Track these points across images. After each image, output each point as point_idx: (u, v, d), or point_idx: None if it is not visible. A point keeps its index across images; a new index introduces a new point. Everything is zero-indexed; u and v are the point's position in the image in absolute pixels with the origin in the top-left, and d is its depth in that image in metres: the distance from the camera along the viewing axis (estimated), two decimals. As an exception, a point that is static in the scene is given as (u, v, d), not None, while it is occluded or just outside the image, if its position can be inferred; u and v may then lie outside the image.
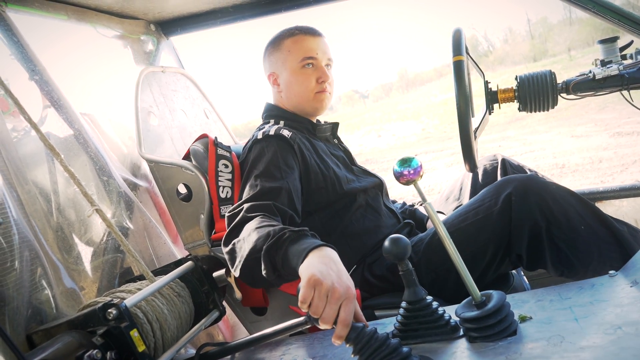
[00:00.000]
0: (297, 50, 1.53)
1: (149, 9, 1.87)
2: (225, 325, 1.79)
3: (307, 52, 1.53)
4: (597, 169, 5.53)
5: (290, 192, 1.33)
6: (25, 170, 1.24)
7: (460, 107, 1.22)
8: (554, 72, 1.37)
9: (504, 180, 1.28)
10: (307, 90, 1.54)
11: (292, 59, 1.53)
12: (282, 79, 1.57)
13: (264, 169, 1.36)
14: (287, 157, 1.40)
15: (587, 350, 0.77)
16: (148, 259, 1.52)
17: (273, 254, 1.05)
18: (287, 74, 1.55)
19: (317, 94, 1.55)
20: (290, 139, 1.43)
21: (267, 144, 1.43)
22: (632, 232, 1.23)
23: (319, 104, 1.56)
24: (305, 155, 1.44)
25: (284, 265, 1.04)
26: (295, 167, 1.41)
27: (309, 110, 1.58)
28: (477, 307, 0.91)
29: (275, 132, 1.45)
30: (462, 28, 1.32)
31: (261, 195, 1.29)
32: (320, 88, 1.54)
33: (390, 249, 0.93)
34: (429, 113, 17.19)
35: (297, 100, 1.57)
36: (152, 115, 1.72)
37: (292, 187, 1.34)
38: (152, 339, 1.03)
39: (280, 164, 1.37)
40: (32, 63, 1.39)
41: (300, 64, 1.53)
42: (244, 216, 1.23)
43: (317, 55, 1.53)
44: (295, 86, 1.55)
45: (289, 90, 1.57)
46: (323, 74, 1.54)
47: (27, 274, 1.04)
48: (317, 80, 1.54)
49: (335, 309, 0.86)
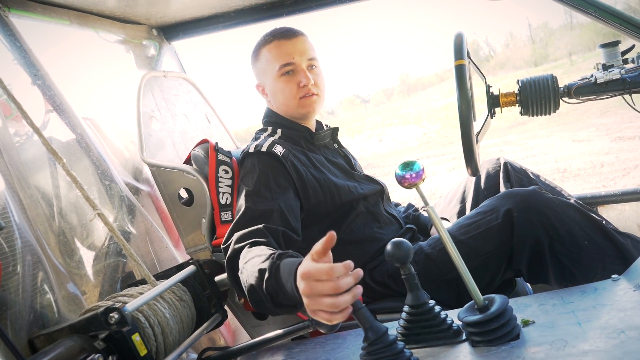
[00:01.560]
0: (274, 59, 1.48)
1: (151, 14, 1.88)
2: (227, 330, 1.79)
3: (284, 59, 1.47)
4: (599, 174, 5.53)
5: (282, 212, 1.30)
6: (28, 175, 1.24)
7: (462, 111, 1.22)
8: (556, 76, 1.37)
9: (505, 194, 1.28)
10: (290, 97, 1.49)
11: (271, 68, 1.49)
12: (268, 89, 1.54)
13: (254, 189, 1.33)
14: (278, 177, 1.37)
15: (591, 354, 0.76)
16: (150, 263, 1.52)
17: (270, 290, 1.03)
18: (270, 83, 1.52)
19: (302, 100, 1.49)
20: (282, 157, 1.39)
21: (258, 161, 1.40)
22: (635, 244, 1.23)
23: (306, 109, 1.51)
24: (301, 171, 1.41)
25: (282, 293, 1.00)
26: (289, 186, 1.37)
27: (298, 116, 1.54)
28: (479, 311, 0.91)
29: (268, 149, 1.41)
30: (463, 32, 1.32)
31: (250, 220, 1.27)
32: (303, 92, 1.48)
33: (393, 253, 0.93)
34: (431, 117, 17.20)
35: (284, 109, 1.54)
36: (154, 119, 1.72)
37: (284, 207, 1.31)
38: (153, 343, 1.03)
39: (271, 184, 1.34)
40: (34, 68, 1.39)
41: (279, 72, 1.47)
42: (233, 249, 1.21)
43: (294, 60, 1.47)
44: (279, 95, 1.51)
45: (275, 99, 1.54)
46: (303, 78, 1.47)
47: (29, 278, 1.04)
48: (299, 85, 1.47)
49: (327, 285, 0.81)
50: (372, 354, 0.87)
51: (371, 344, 0.87)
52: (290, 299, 0.98)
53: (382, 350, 0.86)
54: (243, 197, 1.34)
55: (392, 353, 0.86)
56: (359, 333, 1.14)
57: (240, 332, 1.78)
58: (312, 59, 1.51)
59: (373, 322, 0.88)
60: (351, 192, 1.46)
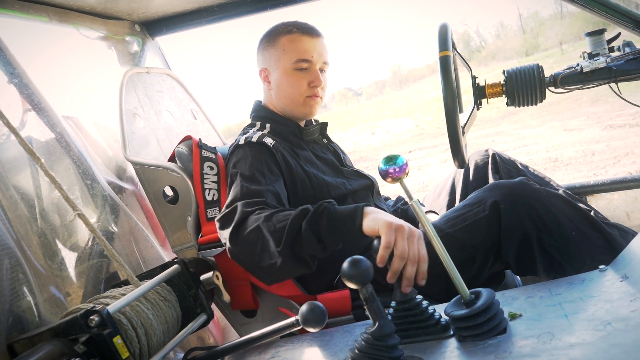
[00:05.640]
0: (293, 50, 1.46)
1: (133, 9, 1.84)
2: (216, 328, 1.77)
3: (303, 54, 1.45)
4: (590, 162, 5.55)
5: (278, 195, 1.29)
6: (7, 176, 1.22)
7: (447, 103, 1.21)
8: (542, 66, 1.36)
9: (492, 186, 1.27)
10: (297, 93, 1.48)
11: (286, 59, 1.46)
12: (274, 77, 1.51)
13: (249, 174, 1.32)
14: (270, 164, 1.36)
15: (577, 347, 0.76)
16: (135, 263, 1.50)
17: (315, 226, 1.08)
18: (279, 73, 1.49)
19: (307, 99, 1.49)
20: (272, 148, 1.39)
21: (250, 149, 1.38)
22: (623, 234, 1.22)
23: (309, 109, 1.51)
24: (290, 163, 1.40)
25: (330, 232, 1.08)
26: (280, 175, 1.37)
27: (297, 114, 1.53)
28: (466, 306, 0.90)
29: (258, 140, 1.40)
30: (448, 23, 1.30)
31: (249, 195, 1.26)
32: (311, 92, 1.48)
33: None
34: (423, 109, 17.24)
35: (286, 102, 1.51)
36: (137, 117, 1.70)
37: (279, 191, 1.31)
38: (136, 345, 1.00)
39: (265, 171, 1.33)
40: (10, 66, 1.36)
41: (294, 65, 1.46)
42: (243, 211, 1.19)
43: (312, 58, 1.46)
44: (286, 87, 1.49)
45: (279, 90, 1.51)
46: (316, 79, 1.47)
47: (7, 281, 1.02)
48: (309, 84, 1.47)
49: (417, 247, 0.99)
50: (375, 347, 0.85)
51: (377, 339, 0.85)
52: (334, 236, 1.08)
53: (382, 349, 0.85)
54: (237, 180, 1.32)
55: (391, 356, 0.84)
56: (347, 330, 1.13)
57: (229, 330, 1.76)
58: (326, 63, 1.52)
59: (386, 318, 0.86)
60: (339, 189, 1.45)
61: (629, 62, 1.31)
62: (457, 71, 1.34)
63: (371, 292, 0.85)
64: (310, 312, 0.95)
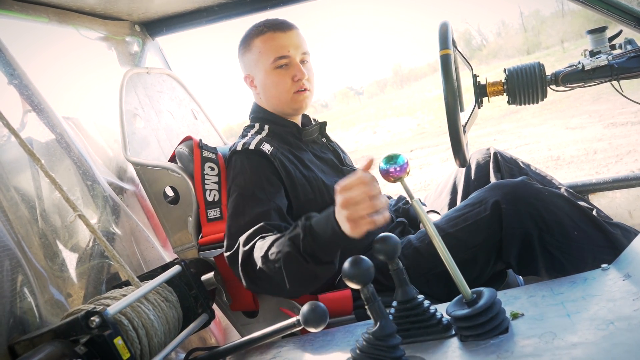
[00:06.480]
0: (268, 50, 1.44)
1: (133, 9, 1.84)
2: (217, 328, 1.77)
3: (279, 51, 1.43)
4: (592, 160, 5.53)
5: (280, 210, 1.31)
6: (7, 177, 1.22)
7: (448, 101, 1.20)
8: (543, 64, 1.35)
9: (494, 186, 1.26)
10: (283, 91, 1.46)
11: (264, 60, 1.44)
12: (258, 81, 1.50)
13: (250, 194, 1.32)
14: (269, 175, 1.36)
15: (579, 347, 0.75)
16: (136, 264, 1.50)
17: (309, 250, 1.08)
18: (262, 75, 1.47)
19: (295, 95, 1.46)
20: (270, 155, 1.37)
21: (248, 160, 1.38)
22: (625, 233, 1.22)
23: (298, 104, 1.48)
24: (289, 169, 1.39)
25: (320, 248, 1.08)
26: (280, 184, 1.36)
27: (289, 111, 1.51)
28: (467, 305, 0.90)
29: (256, 147, 1.39)
30: (448, 21, 1.30)
31: (250, 223, 1.27)
32: (297, 87, 1.45)
33: (380, 248, 0.92)
34: (424, 108, 17.21)
35: (275, 102, 1.50)
36: (137, 117, 1.69)
37: (281, 205, 1.32)
38: (137, 346, 1.00)
39: (264, 184, 1.33)
40: (10, 67, 1.36)
41: (273, 64, 1.43)
42: (243, 252, 1.22)
43: (289, 53, 1.44)
44: (271, 88, 1.47)
45: (266, 92, 1.50)
46: (298, 72, 1.44)
47: (7, 283, 1.02)
48: (293, 79, 1.44)
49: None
50: (377, 347, 0.85)
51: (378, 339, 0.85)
52: (329, 252, 1.09)
53: (384, 349, 0.84)
54: (238, 200, 1.33)
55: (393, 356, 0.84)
56: (348, 330, 1.13)
57: (231, 330, 1.76)
58: (305, 54, 1.49)
59: (387, 317, 0.86)
60: None
61: (630, 60, 1.30)
62: (457, 70, 1.33)
63: (372, 291, 0.85)
64: (312, 312, 0.95)
